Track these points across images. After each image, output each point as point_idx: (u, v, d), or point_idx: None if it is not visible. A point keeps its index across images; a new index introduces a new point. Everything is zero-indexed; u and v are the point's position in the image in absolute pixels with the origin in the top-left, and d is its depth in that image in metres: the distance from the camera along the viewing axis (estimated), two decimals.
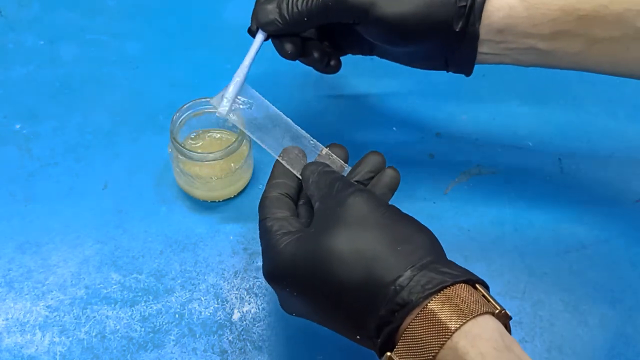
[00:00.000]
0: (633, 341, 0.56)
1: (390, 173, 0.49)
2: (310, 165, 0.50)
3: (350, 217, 0.43)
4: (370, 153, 0.51)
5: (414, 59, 0.55)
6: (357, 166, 0.50)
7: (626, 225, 0.62)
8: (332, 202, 0.45)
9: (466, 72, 0.53)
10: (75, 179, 0.63)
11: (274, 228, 0.46)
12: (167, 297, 0.57)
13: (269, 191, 0.49)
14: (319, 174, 0.48)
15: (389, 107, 0.69)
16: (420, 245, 0.43)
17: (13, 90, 0.69)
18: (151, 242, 0.60)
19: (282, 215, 0.47)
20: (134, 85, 0.70)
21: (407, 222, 0.45)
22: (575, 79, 0.72)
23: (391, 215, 0.44)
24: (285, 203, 0.49)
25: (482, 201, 0.63)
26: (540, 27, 0.49)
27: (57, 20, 0.75)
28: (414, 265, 0.41)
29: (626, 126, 0.69)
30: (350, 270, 0.41)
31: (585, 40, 0.49)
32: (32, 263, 0.58)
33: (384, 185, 0.49)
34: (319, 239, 0.43)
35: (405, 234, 0.43)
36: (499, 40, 0.50)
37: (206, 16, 0.76)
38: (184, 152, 0.57)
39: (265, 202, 0.48)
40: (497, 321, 0.40)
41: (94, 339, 0.54)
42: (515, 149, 0.67)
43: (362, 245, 0.42)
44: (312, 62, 0.57)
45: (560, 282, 0.58)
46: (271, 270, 0.45)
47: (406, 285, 0.40)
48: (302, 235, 0.44)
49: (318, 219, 0.45)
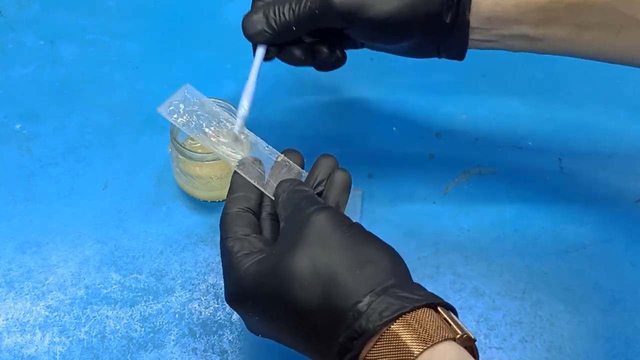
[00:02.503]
0: (633, 341, 0.56)
1: (340, 174, 0.49)
2: (284, 183, 0.48)
3: (311, 236, 0.42)
4: (322, 157, 0.50)
5: (405, 51, 0.54)
6: (312, 172, 0.50)
7: (626, 225, 0.62)
8: (296, 221, 0.44)
9: (459, 57, 0.53)
10: (75, 179, 0.63)
11: (235, 249, 0.45)
12: (167, 297, 0.57)
13: (229, 207, 0.48)
14: (289, 193, 0.47)
15: (389, 107, 0.69)
16: (382, 267, 0.41)
17: (13, 90, 0.69)
18: (151, 242, 0.60)
19: (243, 233, 0.46)
20: (134, 85, 0.70)
21: (370, 242, 0.43)
22: (575, 79, 0.72)
23: (353, 235, 0.43)
24: (247, 219, 0.47)
25: (482, 201, 0.63)
26: (528, 14, 0.48)
27: (57, 20, 0.75)
28: (373, 289, 0.39)
29: (626, 126, 0.69)
30: (310, 294, 0.40)
31: (574, 26, 0.48)
32: (32, 263, 0.58)
33: (337, 186, 0.48)
34: (279, 259, 0.42)
35: (367, 255, 0.42)
36: (488, 28, 0.50)
37: (206, 16, 0.76)
38: (184, 152, 0.57)
39: (226, 220, 0.47)
40: (458, 347, 0.38)
41: (94, 339, 0.54)
42: (515, 149, 0.67)
43: (322, 267, 0.41)
44: (322, 61, 0.55)
45: (560, 282, 0.58)
46: (233, 293, 0.44)
47: (364, 311, 0.39)
48: (264, 257, 0.43)
49: (281, 238, 0.44)
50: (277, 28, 0.51)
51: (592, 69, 0.73)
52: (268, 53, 0.53)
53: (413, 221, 0.61)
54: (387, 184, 0.63)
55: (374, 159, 0.65)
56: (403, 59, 0.73)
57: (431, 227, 0.61)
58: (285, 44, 0.53)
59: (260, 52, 0.53)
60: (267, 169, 0.51)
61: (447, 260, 0.59)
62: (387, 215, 0.62)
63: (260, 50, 0.53)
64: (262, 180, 0.50)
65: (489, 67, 0.73)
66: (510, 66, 0.73)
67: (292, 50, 0.53)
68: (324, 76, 0.71)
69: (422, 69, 0.72)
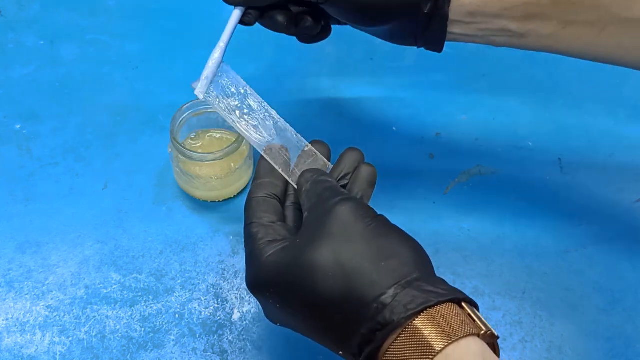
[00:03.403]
0: (633, 341, 0.56)
1: (366, 168, 0.49)
2: (307, 172, 0.48)
3: (335, 227, 0.42)
4: (348, 150, 0.50)
5: (383, 35, 0.52)
6: (338, 165, 0.50)
7: (626, 225, 0.62)
8: (319, 211, 0.44)
9: (437, 49, 0.52)
10: (75, 179, 0.63)
11: (259, 235, 0.45)
12: (167, 297, 0.57)
13: (255, 192, 0.48)
14: (312, 183, 0.47)
15: (389, 107, 0.69)
16: (406, 260, 0.41)
17: (13, 90, 0.69)
18: (151, 242, 0.60)
19: (268, 220, 0.46)
20: (134, 85, 0.70)
21: (394, 234, 0.43)
22: (575, 79, 0.72)
23: (377, 227, 0.43)
24: (272, 206, 0.47)
25: (482, 201, 0.63)
26: (512, 9, 0.47)
27: (57, 20, 0.75)
28: (398, 282, 0.39)
29: (626, 126, 0.69)
30: (332, 285, 0.40)
31: (558, 22, 0.48)
32: (32, 263, 0.58)
33: (362, 180, 0.48)
34: (303, 250, 0.42)
35: (391, 247, 0.42)
36: (470, 22, 0.49)
37: (206, 16, 0.76)
38: (184, 152, 0.57)
39: (251, 204, 0.47)
40: (482, 343, 0.38)
41: (94, 339, 0.54)
42: (515, 149, 0.67)
43: (345, 259, 0.40)
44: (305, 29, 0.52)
45: (560, 282, 0.58)
46: (254, 280, 0.44)
47: (388, 304, 0.38)
48: (288, 245, 0.43)
49: (305, 229, 0.44)
50: None
51: (592, 69, 0.73)
52: (248, 16, 0.51)
53: (413, 221, 0.61)
54: (387, 184, 0.63)
55: (374, 159, 0.65)
56: (403, 59, 0.73)
57: (431, 227, 0.61)
58: (266, 8, 0.51)
59: (236, 14, 0.50)
60: (293, 157, 0.51)
61: (447, 260, 0.59)
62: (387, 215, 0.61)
63: (236, 12, 0.50)
64: (288, 168, 0.50)
65: (489, 67, 0.73)
66: (510, 66, 0.73)
67: (275, 15, 0.51)
68: (324, 76, 0.71)
69: (422, 69, 0.72)
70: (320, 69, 0.72)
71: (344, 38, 0.75)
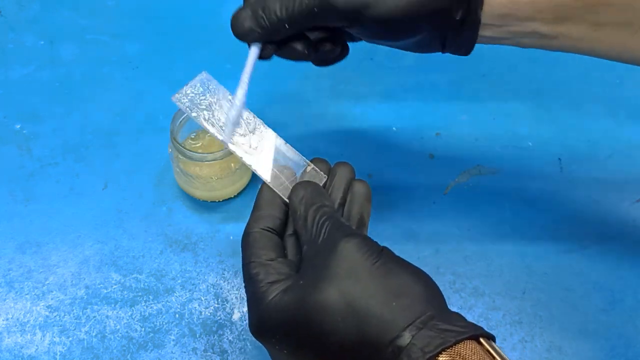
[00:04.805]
0: (633, 341, 0.56)
1: (360, 185, 0.48)
2: (299, 189, 0.46)
3: (341, 267, 0.40)
4: (339, 165, 0.49)
5: (408, 46, 0.51)
6: (331, 182, 0.48)
7: (626, 225, 0.62)
8: (321, 247, 0.42)
9: (465, 53, 0.50)
10: (75, 179, 0.63)
11: (260, 276, 0.43)
12: (167, 297, 0.57)
13: (253, 225, 0.45)
14: (306, 207, 0.45)
15: (389, 107, 0.69)
16: (418, 297, 0.39)
17: (13, 90, 0.69)
18: (151, 242, 0.60)
19: (267, 258, 0.44)
20: (134, 85, 0.70)
21: (402, 269, 0.41)
22: (575, 79, 0.72)
23: (385, 264, 0.41)
24: (271, 240, 0.45)
25: (482, 201, 0.63)
26: (544, 12, 0.46)
27: (57, 20, 0.75)
28: (413, 322, 0.38)
29: (626, 126, 0.69)
30: (344, 330, 0.38)
31: (589, 25, 0.46)
32: (32, 263, 0.58)
33: (360, 198, 0.47)
34: (309, 292, 0.40)
35: (401, 284, 0.40)
36: (501, 24, 0.47)
37: (206, 16, 0.76)
38: (184, 152, 0.57)
39: (249, 240, 0.45)
40: None
41: (94, 339, 0.54)
42: (515, 149, 0.67)
43: (355, 301, 0.39)
44: (324, 54, 0.51)
45: (560, 282, 0.58)
46: (258, 325, 0.42)
47: (405, 346, 0.37)
48: (291, 286, 0.41)
49: (307, 267, 0.42)
50: (267, 26, 0.47)
51: (592, 69, 0.73)
52: (266, 50, 0.49)
53: (413, 221, 0.61)
54: (387, 184, 0.63)
55: (374, 159, 0.65)
56: (403, 59, 0.73)
57: (431, 227, 0.61)
58: (284, 41, 0.49)
59: (254, 51, 0.49)
60: None
61: (447, 260, 0.59)
62: (387, 215, 0.62)
63: (253, 49, 0.49)
64: (288, 192, 0.47)
65: (489, 67, 0.73)
66: (510, 66, 0.73)
67: (294, 45, 0.49)
68: (324, 76, 0.71)
69: (422, 69, 0.72)
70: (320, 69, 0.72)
71: None
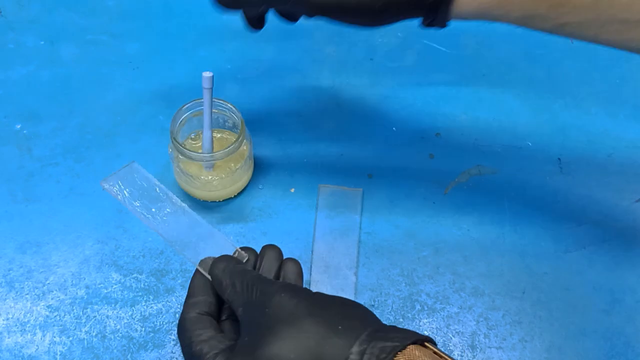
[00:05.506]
0: (633, 341, 0.56)
1: (292, 263, 0.49)
2: (219, 262, 0.48)
3: (281, 317, 0.42)
4: (268, 248, 0.50)
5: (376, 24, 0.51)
6: (261, 262, 0.49)
7: (626, 225, 0.62)
8: (257, 306, 0.43)
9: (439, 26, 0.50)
10: (75, 179, 0.63)
11: (204, 350, 0.43)
12: (167, 297, 0.57)
13: (188, 311, 0.46)
14: (232, 275, 0.46)
15: (389, 107, 0.69)
16: (359, 317, 0.42)
17: (13, 90, 0.69)
18: (151, 242, 0.60)
19: (207, 335, 0.44)
20: (134, 85, 0.70)
21: (338, 301, 0.44)
22: (575, 79, 0.73)
23: (320, 301, 0.43)
24: (208, 321, 0.46)
25: (482, 201, 0.63)
26: (511, 13, 0.47)
27: (57, 20, 0.75)
28: (358, 338, 0.40)
29: (626, 126, 0.69)
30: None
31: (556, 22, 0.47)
32: (32, 263, 0.58)
33: (293, 274, 0.49)
34: (259, 346, 0.41)
35: (340, 312, 0.42)
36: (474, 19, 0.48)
37: (206, 16, 0.76)
38: (184, 152, 0.57)
39: (186, 325, 0.45)
40: None
41: (94, 339, 0.54)
42: (515, 149, 0.67)
43: (304, 337, 0.40)
44: None
45: (560, 282, 0.59)
46: None
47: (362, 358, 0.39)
48: (238, 349, 0.42)
49: (248, 328, 0.43)
50: None
51: (592, 69, 0.73)
52: None
53: (413, 221, 0.61)
54: (387, 184, 0.64)
55: (374, 159, 0.65)
56: (403, 59, 0.73)
57: (431, 227, 0.61)
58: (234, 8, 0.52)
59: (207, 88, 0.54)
60: None
61: (447, 260, 0.59)
62: (387, 215, 0.62)
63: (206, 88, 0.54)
64: None
65: (489, 67, 0.73)
66: (510, 66, 0.73)
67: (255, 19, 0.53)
68: (324, 76, 0.71)
69: (422, 69, 0.72)
70: (320, 69, 0.72)
71: (344, 38, 0.75)
